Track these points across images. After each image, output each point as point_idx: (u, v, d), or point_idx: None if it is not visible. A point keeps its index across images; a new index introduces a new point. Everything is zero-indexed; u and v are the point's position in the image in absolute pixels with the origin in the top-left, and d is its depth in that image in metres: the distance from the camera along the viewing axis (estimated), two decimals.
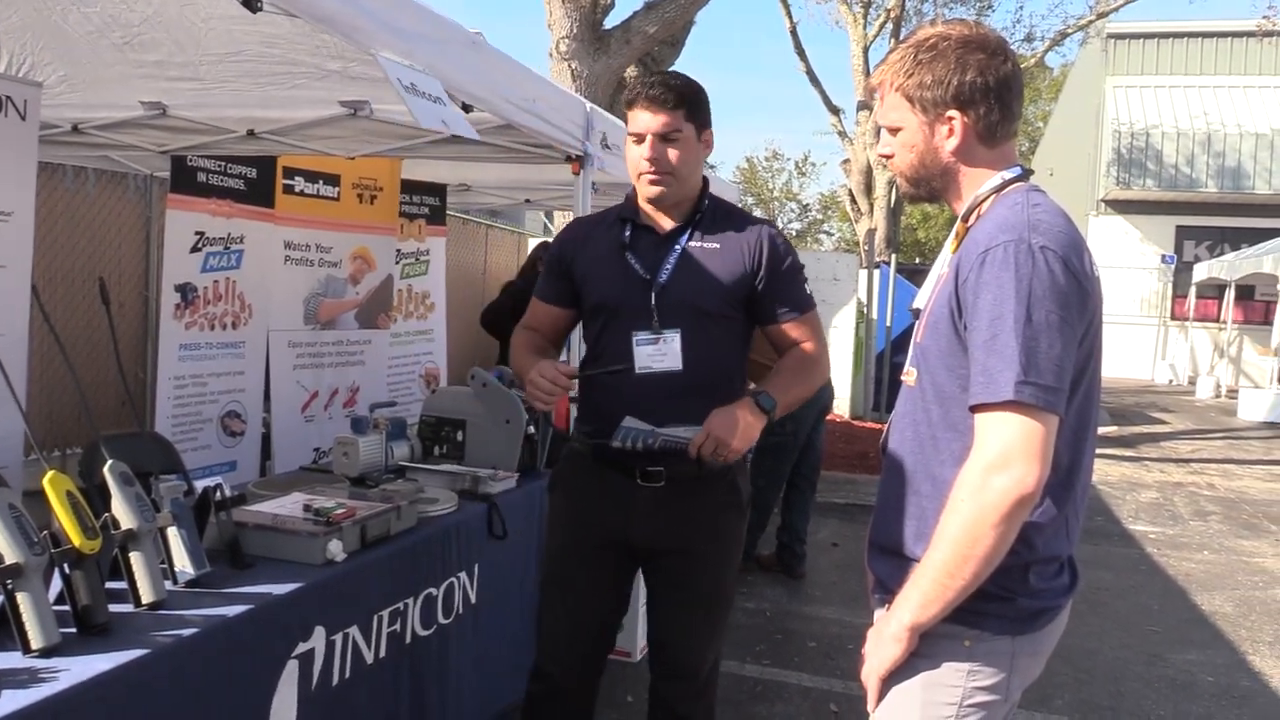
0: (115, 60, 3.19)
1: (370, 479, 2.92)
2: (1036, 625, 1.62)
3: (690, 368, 2.31)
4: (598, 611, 2.50)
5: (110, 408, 5.42)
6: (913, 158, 1.70)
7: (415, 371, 5.54)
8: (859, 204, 17.76)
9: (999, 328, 1.47)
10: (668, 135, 2.31)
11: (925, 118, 1.65)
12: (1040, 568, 1.61)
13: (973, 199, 1.66)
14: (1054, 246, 1.50)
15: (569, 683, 2.51)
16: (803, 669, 4.11)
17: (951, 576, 1.50)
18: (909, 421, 1.70)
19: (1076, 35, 18.53)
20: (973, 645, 1.60)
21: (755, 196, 37.64)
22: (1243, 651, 4.59)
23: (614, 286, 2.38)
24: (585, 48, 7.40)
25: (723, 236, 2.39)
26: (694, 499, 2.38)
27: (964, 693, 1.60)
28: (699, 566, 2.42)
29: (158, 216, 5.88)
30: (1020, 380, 1.44)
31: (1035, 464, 1.45)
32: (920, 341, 1.67)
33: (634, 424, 2.27)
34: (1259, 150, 18.77)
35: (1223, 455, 10.70)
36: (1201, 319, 19.51)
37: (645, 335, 2.32)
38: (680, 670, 2.48)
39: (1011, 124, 1.67)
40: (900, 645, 1.58)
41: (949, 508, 1.52)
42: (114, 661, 1.68)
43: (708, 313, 2.35)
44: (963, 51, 1.61)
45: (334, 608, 2.27)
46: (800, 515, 5.48)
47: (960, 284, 1.55)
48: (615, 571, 2.48)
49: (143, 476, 2.02)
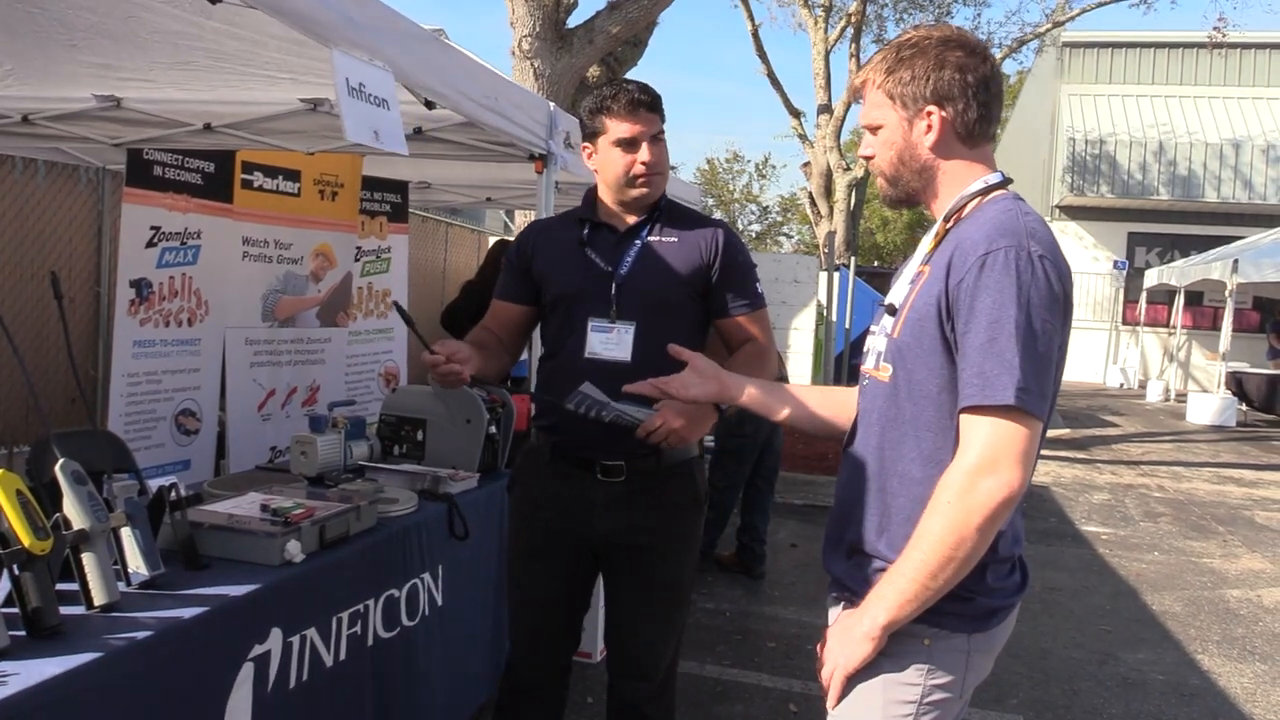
0: (65, 59, 3.13)
1: (329, 478, 2.88)
2: (991, 624, 1.64)
3: (641, 360, 2.34)
4: (563, 607, 2.52)
5: (60, 405, 5.32)
6: (892, 155, 1.70)
7: (375, 370, 5.49)
8: (819, 207, 17.90)
9: (997, 331, 1.48)
10: (657, 138, 2.40)
11: (905, 114, 1.67)
12: (996, 567, 1.62)
13: (958, 199, 1.66)
14: (1050, 256, 1.54)
15: (539, 678, 2.55)
16: (762, 669, 4.12)
17: (933, 577, 1.50)
18: (878, 418, 1.69)
19: (1033, 43, 18.77)
20: (932, 644, 1.61)
21: (716, 198, 37.74)
22: (1191, 651, 4.68)
23: (575, 278, 2.43)
24: (548, 46, 7.37)
25: (679, 233, 2.47)
26: (653, 495, 2.41)
27: (923, 690, 1.61)
28: (657, 563, 2.45)
29: (110, 210, 5.77)
30: (1020, 386, 1.46)
31: (1021, 468, 1.47)
32: (897, 338, 1.65)
33: (591, 391, 2.28)
34: (1209, 159, 19.17)
35: (1172, 458, 10.91)
36: (1152, 324, 19.90)
37: (601, 323, 2.38)
38: (639, 668, 2.50)
39: (990, 126, 1.68)
40: (873, 644, 1.58)
41: (931, 509, 1.51)
42: (65, 665, 1.64)
43: (667, 304, 2.41)
44: (943, 49, 1.64)
45: (291, 609, 2.23)
46: (760, 516, 5.50)
47: (953, 284, 1.55)
48: (578, 567, 2.50)
49: (94, 476, 1.97)
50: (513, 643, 2.59)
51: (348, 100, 2.28)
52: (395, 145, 2.47)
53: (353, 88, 2.30)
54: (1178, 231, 20.37)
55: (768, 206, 40.12)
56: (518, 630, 2.57)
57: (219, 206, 4.25)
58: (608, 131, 2.39)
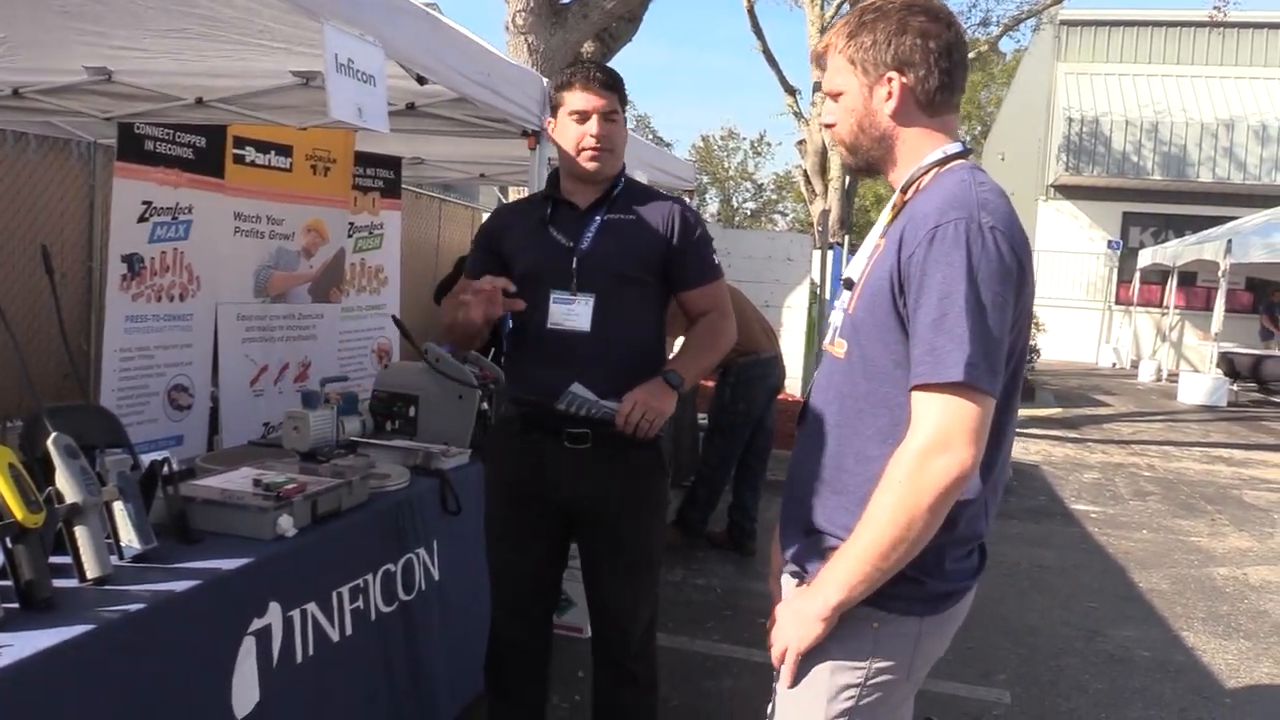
0: (57, 25, 3.11)
1: (321, 454, 2.89)
2: (943, 607, 1.62)
3: (600, 330, 2.46)
4: (540, 566, 2.64)
5: (53, 380, 5.31)
6: (852, 122, 1.66)
7: (368, 346, 5.48)
8: (813, 185, 17.83)
9: (948, 307, 1.44)
10: (609, 115, 2.50)
11: (866, 80, 1.63)
12: (954, 550, 1.60)
13: (915, 170, 1.62)
14: (1002, 227, 1.48)
15: (522, 636, 2.67)
16: (752, 644, 4.15)
17: (884, 558, 1.48)
18: (834, 395, 1.65)
19: (1030, 21, 18.70)
20: (881, 627, 1.59)
21: (711, 175, 37.64)
22: (1177, 628, 4.73)
23: (539, 254, 2.52)
24: (542, 21, 7.32)
25: (638, 209, 2.57)
26: (617, 461, 2.52)
27: (868, 672, 1.59)
28: (626, 524, 2.57)
29: (102, 185, 5.75)
30: (970, 362, 1.42)
31: (973, 446, 1.44)
32: (853, 313, 1.62)
33: (580, 390, 2.40)
34: (1204, 139, 19.16)
35: (1162, 437, 10.96)
36: (1145, 304, 19.94)
37: (563, 295, 2.48)
38: (618, 627, 2.63)
39: (953, 94, 1.64)
40: (824, 624, 1.56)
41: (882, 488, 1.49)
42: (59, 637, 1.66)
43: (625, 276, 2.51)
44: (905, 14, 1.60)
45: (288, 583, 2.25)
46: (751, 493, 5.53)
47: (905, 259, 1.51)
48: (550, 530, 2.61)
49: (87, 450, 1.98)
50: (494, 603, 2.68)
51: (335, 77, 2.29)
52: (378, 123, 2.51)
53: (341, 64, 2.31)
54: (1172, 211, 20.40)
55: (763, 184, 40.10)
56: (498, 591, 2.67)
57: (211, 181, 4.23)
58: (565, 104, 2.52)
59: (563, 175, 2.60)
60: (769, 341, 5.54)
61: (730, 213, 39.73)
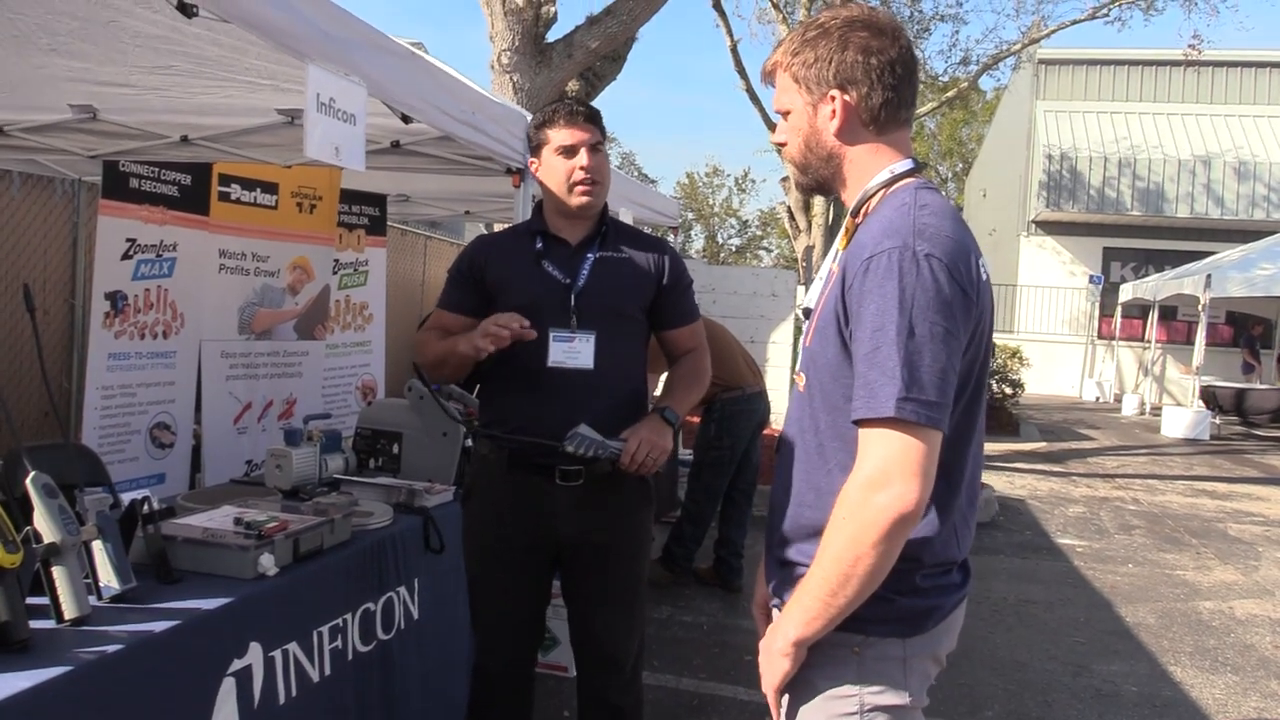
0: (44, 63, 3.12)
1: (303, 492, 2.87)
2: (926, 626, 1.58)
3: (601, 367, 2.47)
4: (524, 603, 2.61)
5: (33, 418, 5.27)
6: (800, 141, 1.63)
7: (352, 383, 5.47)
8: (797, 221, 17.95)
9: (880, 339, 1.41)
10: (595, 147, 2.52)
11: (809, 98, 1.60)
12: (925, 569, 1.56)
13: (862, 194, 1.59)
14: (939, 254, 1.44)
15: (505, 672, 2.64)
16: (739, 682, 4.12)
17: (833, 595, 1.45)
18: (798, 429, 1.64)
19: (1009, 60, 18.97)
20: (862, 652, 1.56)
21: (696, 212, 37.87)
22: (1164, 662, 4.72)
23: (534, 289, 2.51)
24: (527, 60, 7.39)
25: (630, 250, 2.60)
26: (610, 495, 2.52)
27: (860, 700, 1.56)
28: (617, 559, 2.57)
29: (85, 222, 5.74)
30: (901, 396, 1.38)
31: (915, 482, 1.39)
32: (809, 346, 1.60)
33: (588, 432, 2.39)
34: (1181, 175, 19.42)
35: (1146, 471, 11.00)
36: (1127, 338, 20.10)
37: (563, 333, 2.47)
38: (608, 662, 2.60)
39: (900, 110, 1.59)
40: (788, 660, 1.53)
41: (831, 524, 1.46)
42: (35, 679, 1.63)
43: (621, 314, 2.53)
44: (847, 30, 1.56)
45: (268, 623, 2.22)
46: (737, 529, 5.51)
47: (846, 289, 1.48)
48: (536, 565, 2.59)
49: (67, 489, 1.96)
50: (476, 641, 2.66)
51: (314, 116, 2.32)
52: (354, 162, 2.53)
53: (323, 103, 2.33)
54: (1151, 246, 20.64)
55: (747, 220, 40.34)
56: (481, 629, 2.64)
57: (195, 219, 4.23)
58: (550, 141, 2.51)
59: (549, 212, 2.59)
60: (754, 377, 5.55)
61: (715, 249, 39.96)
